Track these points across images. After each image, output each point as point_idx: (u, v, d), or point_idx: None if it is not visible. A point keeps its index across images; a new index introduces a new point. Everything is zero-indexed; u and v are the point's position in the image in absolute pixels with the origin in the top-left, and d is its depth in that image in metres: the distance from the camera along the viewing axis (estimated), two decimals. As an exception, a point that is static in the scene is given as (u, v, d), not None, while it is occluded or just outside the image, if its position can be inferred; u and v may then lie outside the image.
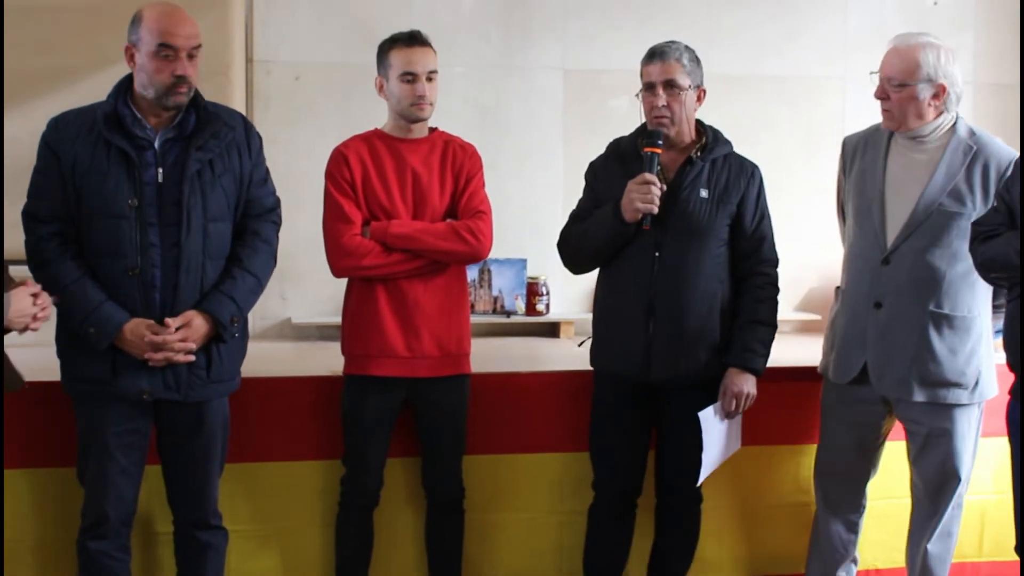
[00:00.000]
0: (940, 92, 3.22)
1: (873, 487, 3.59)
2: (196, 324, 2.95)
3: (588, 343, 3.47)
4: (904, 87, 3.21)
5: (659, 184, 3.20)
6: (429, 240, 3.27)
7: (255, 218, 3.10)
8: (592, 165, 3.48)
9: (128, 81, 3.00)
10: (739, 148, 3.41)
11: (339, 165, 3.31)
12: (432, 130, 3.40)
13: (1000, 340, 3.09)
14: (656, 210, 3.19)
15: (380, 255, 3.26)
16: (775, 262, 3.37)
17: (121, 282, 2.93)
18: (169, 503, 3.17)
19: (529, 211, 4.78)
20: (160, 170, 2.94)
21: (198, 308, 2.96)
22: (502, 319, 4.98)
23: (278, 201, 3.19)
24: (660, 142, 3.24)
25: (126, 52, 2.97)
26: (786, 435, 3.69)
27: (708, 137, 3.33)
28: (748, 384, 3.28)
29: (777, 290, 3.36)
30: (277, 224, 3.17)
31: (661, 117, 3.25)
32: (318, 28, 4.88)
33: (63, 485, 3.27)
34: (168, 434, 3.09)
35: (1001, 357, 3.21)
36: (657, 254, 3.25)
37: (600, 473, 3.46)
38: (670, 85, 3.23)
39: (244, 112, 4.76)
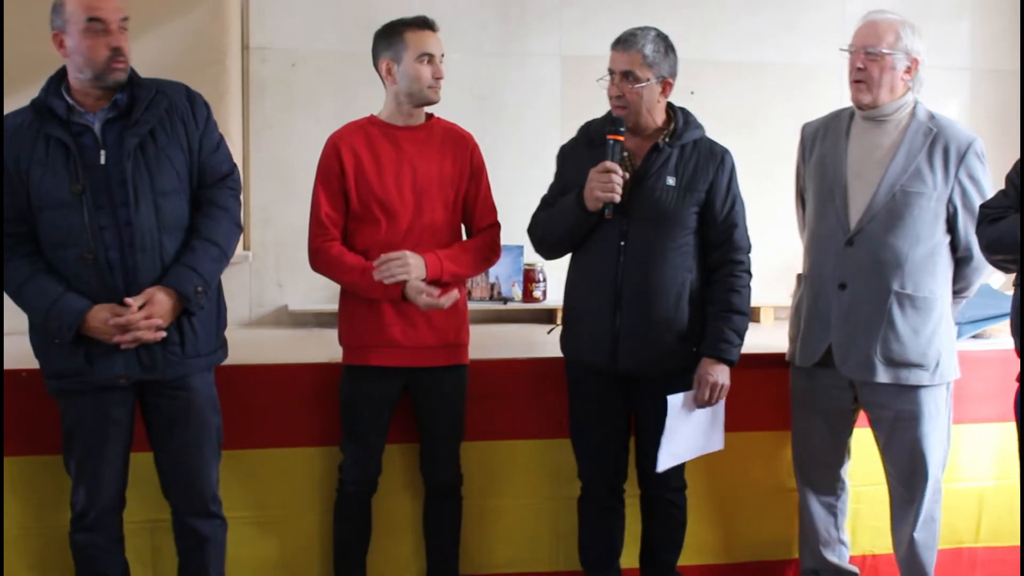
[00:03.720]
0: (912, 67, 3.30)
1: (865, 473, 3.60)
2: (159, 299, 2.91)
3: (557, 331, 3.45)
4: (883, 56, 3.26)
5: (620, 172, 3.16)
6: (473, 273, 3.43)
7: (211, 187, 3.05)
8: (562, 149, 3.45)
9: (60, 73, 2.99)
10: (734, 135, 3.40)
11: (330, 158, 3.29)
12: (429, 116, 3.39)
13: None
14: (618, 199, 3.15)
15: (336, 270, 3.27)
16: (747, 248, 3.31)
17: (78, 270, 2.91)
18: (164, 493, 3.15)
19: (526, 198, 4.75)
20: (103, 152, 2.92)
21: (161, 283, 2.93)
22: (499, 306, 4.98)
23: (233, 167, 3.14)
24: (623, 129, 3.20)
25: (55, 40, 2.94)
26: (771, 421, 3.67)
27: (678, 122, 3.27)
28: (722, 375, 3.25)
29: (750, 276, 3.30)
30: (235, 190, 3.10)
31: (617, 107, 3.23)
32: (314, 15, 4.87)
33: (54, 473, 3.25)
34: (156, 421, 3.06)
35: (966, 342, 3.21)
36: (622, 243, 3.21)
37: (583, 464, 3.43)
38: (626, 76, 3.20)
39: (240, 100, 4.77)
